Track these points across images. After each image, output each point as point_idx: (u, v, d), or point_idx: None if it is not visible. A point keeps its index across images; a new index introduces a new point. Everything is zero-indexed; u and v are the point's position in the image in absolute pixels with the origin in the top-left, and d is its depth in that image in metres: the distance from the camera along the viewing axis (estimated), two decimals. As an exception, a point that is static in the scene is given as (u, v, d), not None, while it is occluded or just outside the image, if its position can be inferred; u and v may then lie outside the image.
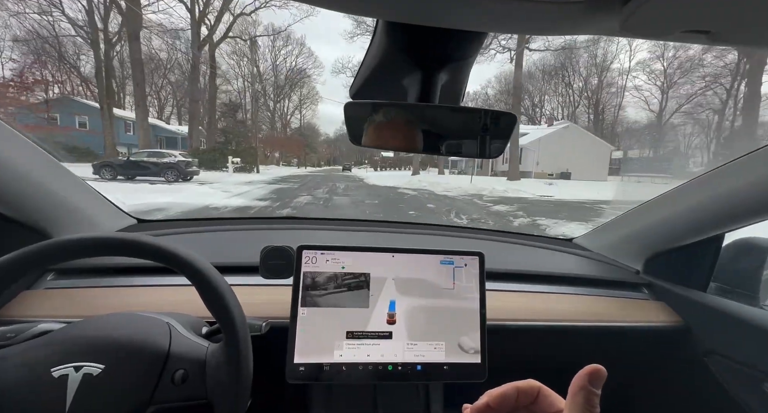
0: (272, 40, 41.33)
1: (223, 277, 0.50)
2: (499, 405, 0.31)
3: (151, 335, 0.51)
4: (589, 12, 0.28)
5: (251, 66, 36.88)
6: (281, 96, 46.41)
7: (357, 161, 62.52)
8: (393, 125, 0.46)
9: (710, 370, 0.81)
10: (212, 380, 0.48)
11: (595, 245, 1.11)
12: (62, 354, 0.46)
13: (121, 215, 0.99)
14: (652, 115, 36.45)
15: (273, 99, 45.38)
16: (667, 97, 34.26)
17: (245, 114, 34.65)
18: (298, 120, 51.82)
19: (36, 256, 0.45)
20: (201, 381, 0.48)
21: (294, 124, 51.00)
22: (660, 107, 34.90)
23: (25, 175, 0.69)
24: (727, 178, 0.71)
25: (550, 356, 0.89)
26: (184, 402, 0.48)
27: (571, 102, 42.25)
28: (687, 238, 0.84)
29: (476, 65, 0.50)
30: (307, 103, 51.69)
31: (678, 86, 32.49)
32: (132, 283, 0.77)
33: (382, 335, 0.65)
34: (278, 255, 0.69)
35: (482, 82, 50.91)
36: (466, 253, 0.71)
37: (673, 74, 33.32)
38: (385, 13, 0.34)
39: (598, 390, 0.28)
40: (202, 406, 0.48)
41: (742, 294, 0.83)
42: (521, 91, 22.98)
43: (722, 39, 0.29)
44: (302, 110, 51.41)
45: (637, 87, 37.68)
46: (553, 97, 44.13)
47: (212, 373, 0.49)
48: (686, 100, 30.82)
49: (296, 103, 49.73)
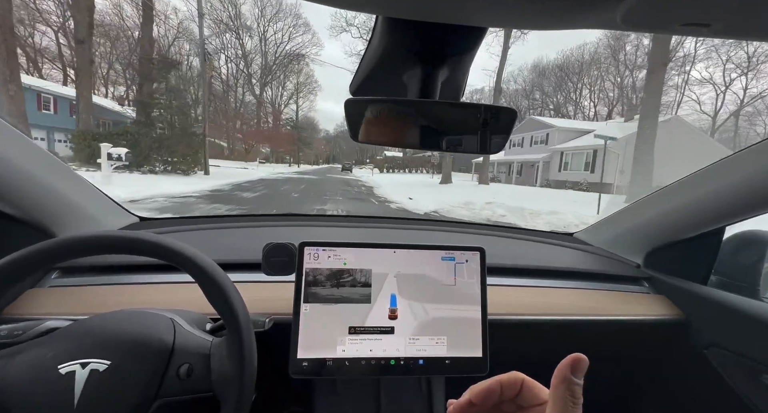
0: (260, 9, 34.63)
1: (225, 273, 0.50)
2: (482, 400, 0.31)
3: (156, 330, 0.51)
4: (589, 5, 0.28)
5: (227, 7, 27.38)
6: (270, 77, 39.77)
7: (358, 160, 57.77)
8: (394, 121, 0.46)
9: (711, 363, 0.82)
10: (217, 373, 0.49)
11: (596, 239, 1.12)
12: (68, 352, 0.46)
13: (123, 213, 0.99)
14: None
15: (260, 80, 38.97)
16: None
17: (194, 86, 22.91)
18: (296, 113, 45.81)
19: (40, 255, 0.45)
20: (206, 375, 0.49)
21: (286, 115, 44.68)
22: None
23: (27, 174, 0.69)
24: (727, 171, 0.71)
25: (552, 350, 0.90)
26: (189, 396, 0.49)
27: (610, 97, 36.87)
28: (687, 232, 0.84)
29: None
30: (304, 91, 45.87)
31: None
32: (136, 281, 0.77)
33: (384, 330, 0.66)
34: (280, 251, 0.70)
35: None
36: (467, 249, 0.71)
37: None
38: (385, 9, 0.34)
39: (580, 380, 0.27)
40: (208, 399, 0.49)
41: (742, 286, 0.83)
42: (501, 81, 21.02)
43: (723, 32, 0.29)
44: (298, 99, 45.50)
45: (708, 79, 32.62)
46: (593, 92, 39.45)
47: (217, 366, 0.49)
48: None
49: (291, 91, 44.30)
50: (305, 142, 46.05)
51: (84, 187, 0.85)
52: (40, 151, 0.73)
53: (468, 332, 0.68)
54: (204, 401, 0.49)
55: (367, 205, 9.17)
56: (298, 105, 46.87)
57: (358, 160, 58.30)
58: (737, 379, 0.78)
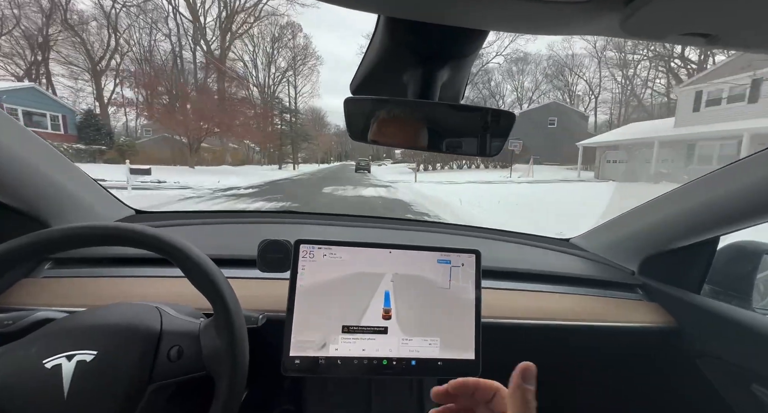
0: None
1: (212, 261, 0.50)
2: (456, 391, 0.36)
3: (142, 318, 0.51)
4: (590, 12, 0.28)
5: None
6: (230, 26, 26.37)
7: (374, 155, 43.42)
8: (394, 121, 0.46)
9: (702, 371, 0.82)
10: (208, 349, 0.49)
11: (592, 245, 1.12)
12: (52, 346, 0.46)
13: (119, 206, 0.99)
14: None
15: (221, 29, 25.53)
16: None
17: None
18: (295, 106, 32.36)
19: (34, 245, 0.45)
20: (197, 355, 0.49)
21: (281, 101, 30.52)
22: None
23: (25, 165, 0.69)
24: (724, 181, 0.71)
25: (544, 354, 0.90)
26: (183, 377, 0.49)
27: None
28: (682, 240, 0.85)
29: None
30: (302, 67, 32.58)
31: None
32: (131, 274, 0.77)
33: (377, 330, 0.66)
34: (276, 248, 0.70)
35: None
36: (463, 251, 0.71)
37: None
38: (386, 9, 0.34)
39: (531, 386, 0.31)
40: (204, 382, 0.49)
41: (734, 296, 0.84)
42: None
43: (721, 42, 0.29)
44: (296, 74, 32.38)
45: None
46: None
47: (207, 344, 0.50)
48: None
49: (284, 69, 31.76)
50: (304, 135, 32.73)
51: (81, 179, 0.85)
52: (38, 142, 0.73)
53: (461, 334, 0.68)
54: (200, 383, 0.49)
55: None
56: (297, 83, 32.87)
57: (375, 156, 45.74)
58: (728, 388, 0.78)
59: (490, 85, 37.91)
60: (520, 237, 1.18)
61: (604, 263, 1.05)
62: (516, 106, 37.25)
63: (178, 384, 0.49)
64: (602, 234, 1.10)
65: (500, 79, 38.62)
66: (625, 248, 1.02)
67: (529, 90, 39.54)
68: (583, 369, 1.01)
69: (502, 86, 38.90)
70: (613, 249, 1.05)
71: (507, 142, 0.50)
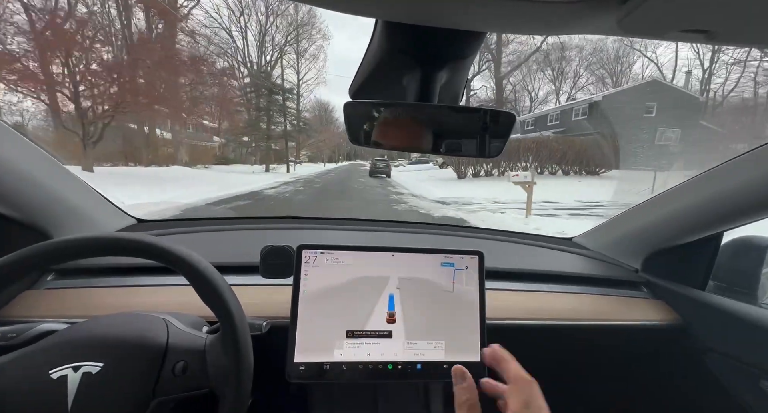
0: None
1: (218, 272, 0.50)
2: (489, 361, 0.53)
3: (149, 331, 0.51)
4: (587, 11, 0.28)
5: None
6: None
7: (387, 155, 30.79)
8: (394, 124, 0.46)
9: (708, 368, 0.82)
10: (213, 368, 0.49)
11: (594, 244, 1.12)
12: (60, 356, 0.46)
13: (120, 215, 0.99)
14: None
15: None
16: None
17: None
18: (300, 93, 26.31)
19: (36, 257, 0.45)
20: (202, 371, 0.49)
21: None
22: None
23: (25, 175, 0.69)
24: (726, 176, 0.71)
25: (550, 354, 0.89)
26: (187, 393, 0.48)
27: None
28: (686, 237, 0.84)
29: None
30: (303, 37, 26.37)
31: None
32: (133, 283, 0.77)
33: (382, 334, 0.65)
34: (278, 254, 0.70)
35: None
36: (465, 252, 0.71)
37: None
38: (384, 13, 0.34)
39: (463, 384, 0.46)
40: (207, 398, 0.49)
41: (740, 292, 0.83)
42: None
43: (720, 38, 0.29)
44: (298, 43, 26.24)
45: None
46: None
47: (213, 361, 0.49)
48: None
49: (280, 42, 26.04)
50: (309, 129, 26.86)
51: (82, 189, 0.85)
52: (38, 152, 0.73)
53: (466, 336, 0.67)
54: (202, 399, 0.49)
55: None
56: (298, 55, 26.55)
57: (388, 155, 32.23)
58: (735, 384, 0.77)
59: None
60: (522, 237, 1.17)
61: (607, 261, 1.04)
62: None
63: (182, 399, 0.49)
64: (604, 232, 1.10)
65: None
66: (627, 246, 1.02)
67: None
68: (590, 368, 1.00)
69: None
70: (616, 247, 1.05)
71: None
